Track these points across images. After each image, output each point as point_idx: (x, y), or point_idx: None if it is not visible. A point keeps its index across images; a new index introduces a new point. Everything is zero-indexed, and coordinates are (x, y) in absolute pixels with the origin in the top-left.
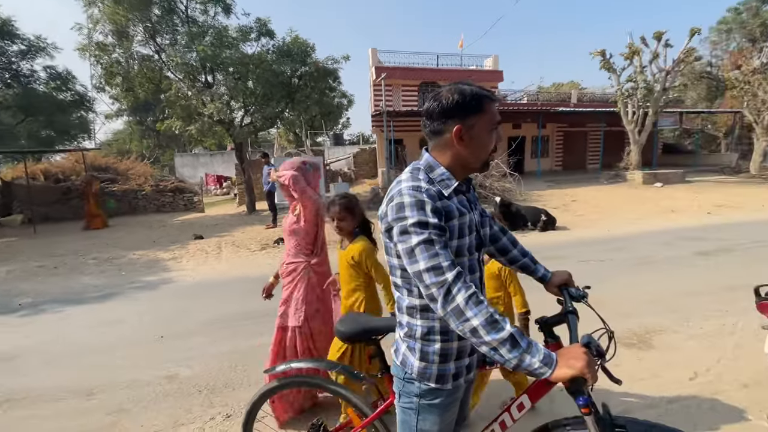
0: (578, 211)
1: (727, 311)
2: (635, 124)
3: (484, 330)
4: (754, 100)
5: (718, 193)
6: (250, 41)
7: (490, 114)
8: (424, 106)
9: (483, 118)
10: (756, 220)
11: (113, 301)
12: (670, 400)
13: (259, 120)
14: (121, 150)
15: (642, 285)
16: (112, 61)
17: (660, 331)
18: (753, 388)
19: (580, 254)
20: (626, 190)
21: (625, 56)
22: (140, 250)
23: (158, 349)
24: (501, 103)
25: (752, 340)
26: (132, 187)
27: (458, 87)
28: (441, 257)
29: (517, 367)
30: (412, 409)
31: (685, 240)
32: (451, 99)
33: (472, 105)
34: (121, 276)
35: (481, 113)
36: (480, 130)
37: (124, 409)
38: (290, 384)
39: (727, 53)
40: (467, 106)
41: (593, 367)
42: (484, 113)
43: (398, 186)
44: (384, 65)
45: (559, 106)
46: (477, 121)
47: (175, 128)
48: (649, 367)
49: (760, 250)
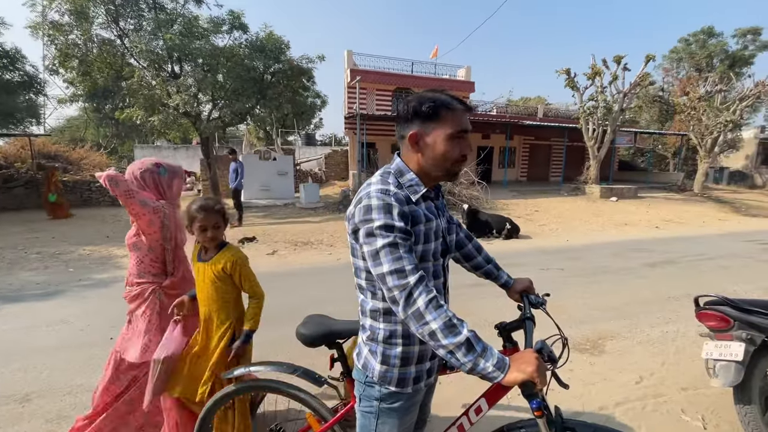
0: (540, 221)
1: (670, 319)
2: (595, 141)
3: (442, 334)
4: (698, 124)
5: (666, 209)
6: (221, 33)
7: (448, 123)
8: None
9: (439, 126)
10: (698, 235)
11: (57, 300)
12: (618, 402)
13: (228, 115)
14: (75, 138)
15: (597, 293)
16: (69, 42)
17: (611, 337)
18: (691, 391)
19: (541, 262)
20: (585, 202)
21: (588, 76)
22: (91, 246)
23: (106, 352)
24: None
25: (691, 346)
26: (85, 178)
27: (421, 94)
28: (405, 261)
29: (472, 371)
30: (372, 413)
31: (636, 251)
32: (410, 105)
33: (427, 113)
34: (69, 273)
35: (435, 121)
36: (435, 137)
37: (65, 416)
38: (247, 388)
39: (677, 80)
40: (422, 114)
41: (543, 372)
42: (439, 121)
43: (367, 188)
44: (359, 68)
45: (526, 119)
46: (432, 128)
47: (137, 118)
48: (600, 371)
49: (700, 263)
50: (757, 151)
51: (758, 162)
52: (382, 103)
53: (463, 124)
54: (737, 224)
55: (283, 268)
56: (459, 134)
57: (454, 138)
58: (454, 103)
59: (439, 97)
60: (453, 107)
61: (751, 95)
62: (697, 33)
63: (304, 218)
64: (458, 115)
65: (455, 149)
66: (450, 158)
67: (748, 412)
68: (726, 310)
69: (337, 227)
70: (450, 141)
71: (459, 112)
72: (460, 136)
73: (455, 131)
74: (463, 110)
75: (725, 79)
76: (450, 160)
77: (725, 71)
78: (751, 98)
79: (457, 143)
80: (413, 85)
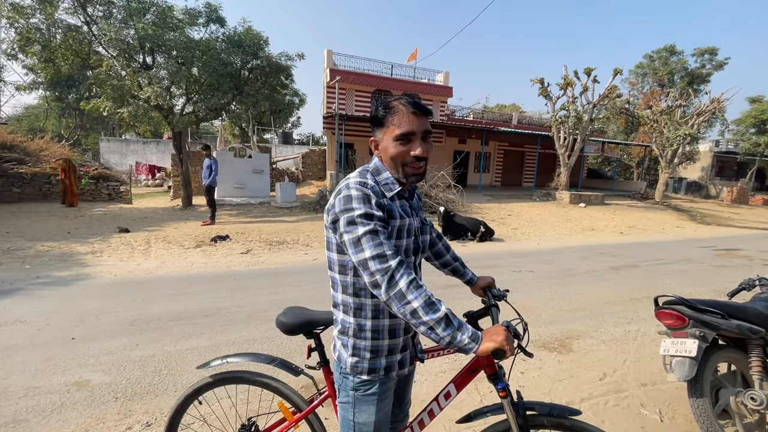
0: (513, 224)
1: (632, 319)
2: (566, 149)
3: (423, 311)
4: (660, 137)
5: (630, 216)
6: (197, 26)
7: (394, 125)
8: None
9: (387, 129)
10: (658, 241)
11: (12, 298)
12: (583, 398)
13: (203, 110)
14: (33, 128)
15: (565, 294)
16: (30, 26)
17: (578, 337)
18: (649, 387)
19: (514, 265)
20: (555, 208)
21: (561, 86)
22: (50, 242)
23: (67, 353)
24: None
25: (650, 344)
26: (44, 170)
27: (379, 103)
28: (385, 246)
29: (450, 344)
30: (350, 403)
31: (601, 255)
32: (371, 113)
33: (377, 119)
34: (25, 270)
35: (384, 125)
36: (385, 141)
37: (20, 420)
38: (222, 381)
39: (641, 94)
40: (374, 120)
41: (512, 341)
42: (386, 125)
43: (346, 181)
44: (339, 68)
45: (501, 125)
46: (382, 133)
47: (104, 109)
48: (567, 368)
49: (660, 267)
50: (711, 163)
51: (713, 174)
52: (362, 104)
53: (409, 125)
54: (693, 231)
55: (257, 268)
56: (405, 136)
57: (400, 140)
58: (401, 106)
59: (388, 101)
60: (397, 110)
61: (708, 111)
62: (660, 50)
63: (280, 217)
64: (404, 117)
65: (404, 150)
66: (399, 159)
67: (700, 404)
68: (682, 309)
69: (313, 227)
70: (396, 143)
71: (406, 114)
72: (408, 138)
73: (400, 133)
74: (413, 112)
75: (684, 95)
76: (399, 161)
77: (685, 87)
78: (707, 114)
79: (406, 145)
80: (392, 87)
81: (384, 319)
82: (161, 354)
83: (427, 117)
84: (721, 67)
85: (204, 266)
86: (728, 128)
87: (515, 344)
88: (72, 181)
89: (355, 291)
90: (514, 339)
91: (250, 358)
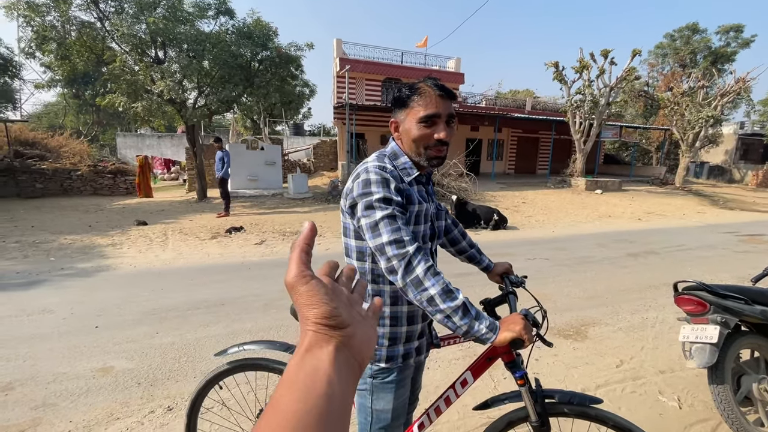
0: (527, 212)
1: (650, 306)
2: (581, 134)
3: (440, 298)
4: (681, 120)
5: (648, 202)
6: (207, 19)
7: (418, 107)
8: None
9: (410, 111)
10: (677, 227)
11: (39, 289)
12: (599, 385)
13: (215, 103)
14: (53, 125)
15: (580, 282)
16: (46, 24)
17: (594, 324)
18: (668, 374)
19: (528, 252)
20: (570, 195)
21: (576, 69)
22: (73, 235)
23: (92, 340)
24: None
25: (669, 332)
26: (65, 166)
27: (404, 85)
28: (403, 231)
29: (467, 333)
30: (367, 390)
31: (619, 242)
32: (393, 97)
33: (400, 101)
34: (50, 262)
35: (407, 107)
36: (407, 123)
37: (50, 404)
38: (240, 367)
39: (661, 75)
40: (397, 101)
41: (530, 330)
42: (410, 107)
43: (364, 165)
44: (348, 57)
45: (514, 111)
46: (405, 114)
47: (119, 105)
48: (583, 356)
49: (679, 254)
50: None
51: (737, 157)
52: (372, 93)
53: (434, 107)
54: (715, 217)
55: (271, 258)
56: (429, 118)
57: (424, 122)
58: (426, 87)
59: (413, 84)
60: (423, 92)
61: (732, 91)
62: (682, 29)
63: (293, 208)
64: (429, 99)
65: (427, 133)
66: (421, 142)
67: (721, 391)
68: (703, 295)
69: (326, 217)
70: (420, 125)
71: (430, 96)
72: (432, 120)
73: (424, 115)
74: (439, 95)
75: (708, 75)
76: (422, 144)
77: (708, 67)
78: (731, 94)
79: (429, 127)
80: (403, 75)
81: (403, 305)
82: (180, 341)
83: (451, 101)
84: (747, 45)
85: (220, 257)
86: (754, 109)
87: (534, 333)
88: (147, 176)
89: (374, 278)
90: (532, 328)
91: (266, 345)
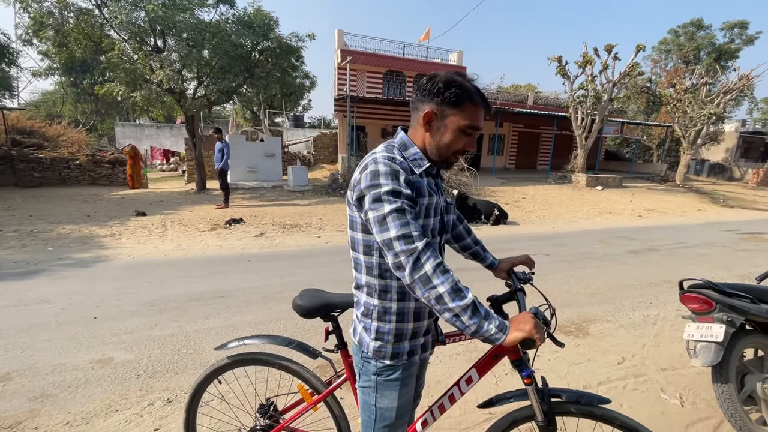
0: (527, 207)
1: (651, 303)
2: (583, 130)
3: (449, 297)
4: (683, 116)
5: (649, 198)
6: (207, 7)
7: (464, 114)
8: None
9: (456, 114)
10: (678, 225)
11: (37, 279)
12: (600, 381)
13: (214, 93)
14: (51, 113)
15: (581, 278)
16: (43, 11)
17: (595, 321)
18: (669, 371)
19: (528, 248)
20: (571, 191)
21: (579, 64)
22: (71, 225)
23: (90, 331)
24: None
25: (670, 329)
26: (62, 155)
27: (450, 76)
28: (412, 226)
29: (476, 333)
30: (371, 388)
31: (620, 239)
32: (437, 83)
33: (450, 98)
34: (48, 252)
35: (455, 108)
36: (448, 124)
37: (48, 395)
38: (241, 362)
39: (664, 71)
40: (445, 96)
41: (541, 330)
42: (458, 110)
43: (373, 155)
44: (350, 48)
45: (516, 106)
46: (449, 114)
47: (117, 94)
48: (584, 352)
49: (680, 251)
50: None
51: (737, 155)
52: (373, 85)
53: (478, 120)
54: (716, 215)
55: (271, 250)
56: (471, 129)
57: (465, 131)
58: (478, 97)
59: (466, 85)
60: (475, 101)
61: (735, 89)
62: (687, 25)
63: (292, 201)
64: (477, 110)
65: (461, 142)
66: (453, 149)
67: (724, 390)
68: (709, 293)
69: (326, 210)
70: (460, 133)
71: (479, 108)
72: (471, 132)
73: (468, 125)
74: (484, 108)
75: (711, 72)
76: (452, 151)
77: (711, 64)
78: (734, 92)
79: (465, 137)
80: (405, 68)
81: (410, 301)
82: (180, 333)
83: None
84: (751, 42)
85: (219, 249)
86: (757, 107)
87: (544, 332)
88: (139, 166)
89: (381, 272)
90: (543, 327)
91: (267, 340)
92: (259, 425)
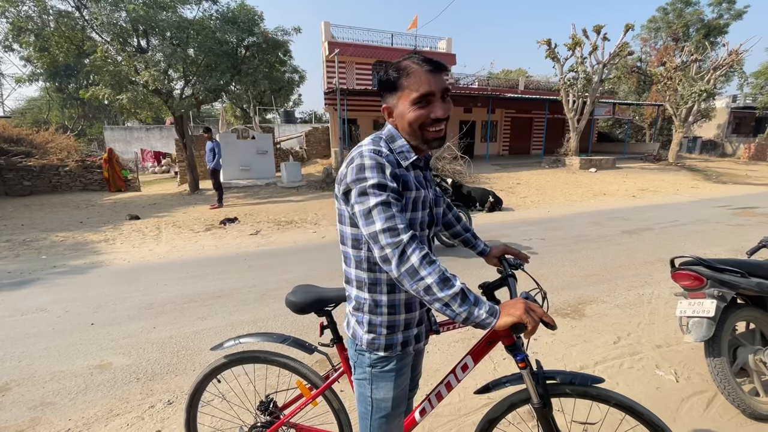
0: (522, 193)
1: (645, 282)
2: (575, 113)
3: (437, 287)
4: (674, 94)
5: (642, 178)
6: (189, 4)
7: (410, 88)
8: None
9: (401, 94)
10: (671, 203)
11: (31, 288)
12: (597, 361)
13: (202, 92)
14: (38, 120)
15: (577, 260)
16: (22, 15)
17: (591, 302)
18: (664, 348)
19: (524, 233)
20: (565, 174)
21: (569, 47)
22: (64, 232)
23: (88, 337)
24: (452, 86)
25: (664, 307)
26: (52, 162)
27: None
28: (397, 219)
29: (467, 320)
30: (366, 380)
31: (614, 220)
32: (380, 81)
33: (389, 84)
34: (41, 260)
35: (398, 90)
36: (401, 107)
37: (48, 403)
38: (238, 360)
39: (654, 50)
40: (387, 85)
41: (532, 314)
42: (401, 89)
43: (359, 149)
44: (337, 41)
45: (507, 92)
46: (397, 98)
47: (103, 97)
48: (580, 333)
49: (673, 229)
50: (728, 120)
51: (729, 131)
52: (363, 77)
53: (428, 85)
54: (708, 191)
55: (266, 248)
56: (423, 98)
57: (418, 102)
58: (414, 65)
59: (399, 63)
60: (411, 71)
61: (725, 64)
62: (675, 1)
63: (287, 197)
64: (419, 77)
65: (422, 113)
66: (418, 124)
67: (717, 364)
68: (700, 270)
69: (320, 206)
70: (414, 107)
71: (420, 74)
72: (427, 100)
73: (418, 95)
74: (429, 70)
75: (700, 49)
76: (419, 126)
77: (700, 40)
78: (724, 67)
79: (425, 108)
80: (393, 57)
81: (400, 293)
82: (178, 335)
83: (443, 73)
84: (739, 17)
85: (215, 249)
86: (747, 81)
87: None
88: (116, 168)
89: (370, 266)
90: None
91: (262, 337)
92: (259, 422)
